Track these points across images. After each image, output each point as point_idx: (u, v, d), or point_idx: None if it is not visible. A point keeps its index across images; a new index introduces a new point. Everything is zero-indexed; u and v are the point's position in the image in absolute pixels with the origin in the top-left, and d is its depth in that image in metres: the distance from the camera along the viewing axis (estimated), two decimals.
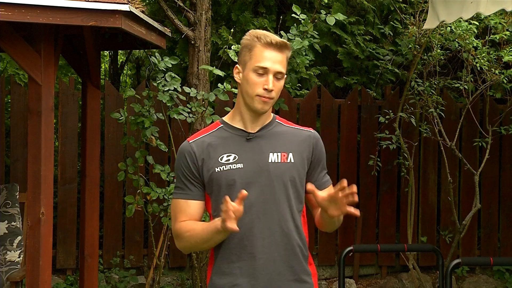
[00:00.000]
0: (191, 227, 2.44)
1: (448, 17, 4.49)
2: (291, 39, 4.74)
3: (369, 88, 6.84)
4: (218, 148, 2.47)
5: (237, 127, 2.50)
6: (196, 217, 2.48)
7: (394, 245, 6.40)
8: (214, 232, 2.36)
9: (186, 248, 2.52)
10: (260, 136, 2.50)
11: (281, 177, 2.46)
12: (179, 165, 2.50)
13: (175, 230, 2.48)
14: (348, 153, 6.67)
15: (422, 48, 5.93)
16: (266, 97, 2.43)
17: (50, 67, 3.78)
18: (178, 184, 2.50)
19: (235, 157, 2.45)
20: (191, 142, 2.50)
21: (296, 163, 2.49)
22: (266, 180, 2.44)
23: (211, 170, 2.44)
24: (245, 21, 6.94)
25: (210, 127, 2.56)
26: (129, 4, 3.67)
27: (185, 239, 2.45)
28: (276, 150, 2.48)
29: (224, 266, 2.46)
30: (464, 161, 6.13)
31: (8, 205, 4.78)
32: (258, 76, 2.43)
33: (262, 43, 2.43)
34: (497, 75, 5.85)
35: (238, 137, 2.49)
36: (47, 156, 3.78)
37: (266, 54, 2.42)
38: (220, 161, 2.44)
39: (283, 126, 2.56)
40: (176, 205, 2.50)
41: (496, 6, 4.06)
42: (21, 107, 6.21)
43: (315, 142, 2.56)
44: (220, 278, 2.47)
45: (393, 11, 6.96)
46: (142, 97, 4.96)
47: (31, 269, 3.77)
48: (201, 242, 2.43)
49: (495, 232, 6.90)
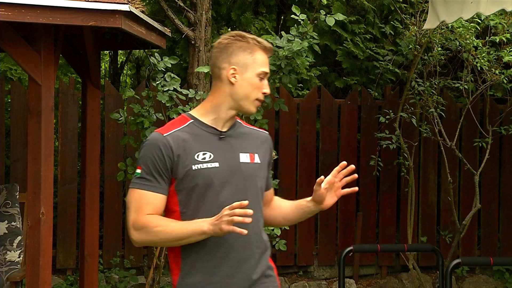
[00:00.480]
0: (164, 223, 2.41)
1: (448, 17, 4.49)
2: (290, 40, 4.74)
3: (369, 88, 6.85)
4: (193, 145, 2.46)
5: (208, 125, 2.51)
6: (160, 211, 2.46)
7: (394, 245, 6.40)
8: (196, 233, 2.37)
9: (148, 243, 2.50)
10: (230, 135, 2.53)
11: (251, 177, 2.51)
12: (150, 156, 2.44)
13: (139, 222, 2.42)
14: (348, 153, 6.67)
15: (422, 48, 5.93)
16: (262, 100, 2.51)
17: (50, 67, 3.78)
18: (144, 175, 2.44)
19: (211, 155, 2.46)
20: (166, 135, 2.46)
21: (261, 163, 2.56)
22: (239, 180, 2.48)
23: (187, 167, 2.43)
24: (246, 21, 6.94)
25: (179, 121, 2.53)
26: (129, 4, 3.67)
27: (154, 233, 2.41)
28: (245, 150, 2.53)
29: (197, 264, 2.45)
30: (464, 161, 6.13)
31: (8, 205, 4.78)
32: (260, 81, 2.49)
33: (262, 48, 2.49)
34: (497, 75, 5.85)
35: (211, 135, 2.50)
36: (47, 156, 3.78)
37: (266, 59, 2.51)
38: (197, 159, 2.44)
39: (244, 127, 2.62)
40: (141, 197, 2.44)
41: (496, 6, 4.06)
42: (21, 107, 6.21)
43: (271, 145, 2.66)
44: (193, 276, 2.46)
45: (394, 11, 6.96)
46: (141, 97, 4.96)
47: (31, 269, 3.77)
48: (174, 239, 2.41)
49: (495, 232, 6.90)
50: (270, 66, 4.68)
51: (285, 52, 4.67)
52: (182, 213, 2.46)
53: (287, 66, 4.74)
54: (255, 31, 6.85)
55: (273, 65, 4.76)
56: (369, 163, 6.52)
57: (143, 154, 2.47)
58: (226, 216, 2.28)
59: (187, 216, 2.44)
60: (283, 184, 6.42)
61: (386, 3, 7.10)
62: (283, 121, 6.49)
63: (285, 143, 6.51)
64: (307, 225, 6.52)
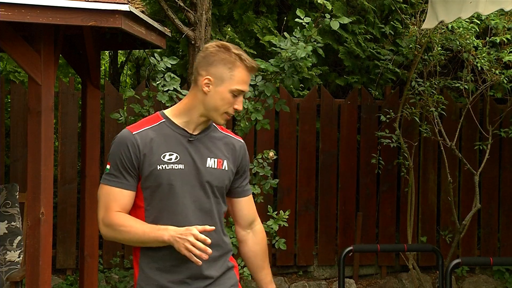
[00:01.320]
0: (129, 224, 2.46)
1: (447, 16, 4.49)
2: (294, 43, 4.74)
3: (369, 88, 6.84)
4: (160, 145, 2.49)
5: (179, 126, 2.53)
6: (127, 208, 2.50)
7: (394, 245, 6.40)
8: (157, 240, 2.41)
9: (114, 239, 2.55)
10: (200, 139, 2.54)
11: (215, 182, 2.54)
12: (118, 153, 2.48)
13: (107, 219, 2.47)
14: (348, 153, 6.67)
15: (422, 48, 5.93)
16: (231, 115, 2.53)
17: (50, 67, 3.78)
18: (113, 171, 2.48)
19: (177, 157, 2.49)
20: (135, 133, 2.49)
21: (228, 170, 2.58)
22: (202, 183, 2.51)
23: (152, 167, 2.46)
24: (248, 21, 6.94)
25: (151, 120, 2.56)
26: (129, 4, 3.67)
27: (119, 232, 2.46)
28: (214, 155, 2.55)
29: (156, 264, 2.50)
30: (464, 161, 6.13)
31: (8, 205, 4.78)
32: (233, 96, 2.49)
33: (245, 65, 2.48)
34: (497, 75, 5.85)
35: (180, 136, 2.52)
36: (47, 156, 3.78)
37: (246, 78, 2.50)
38: (163, 159, 2.47)
39: (218, 132, 2.63)
40: (109, 193, 2.49)
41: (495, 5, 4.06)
42: (21, 107, 6.21)
43: (244, 153, 2.66)
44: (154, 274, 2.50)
45: (394, 11, 6.96)
46: (141, 97, 4.96)
47: (31, 269, 3.77)
48: (137, 241, 2.47)
49: (495, 232, 6.90)
50: (272, 67, 4.72)
51: (289, 54, 4.67)
52: (146, 210, 2.51)
53: (290, 68, 4.74)
54: (258, 30, 6.84)
55: (276, 67, 4.76)
56: (368, 163, 6.52)
57: (112, 151, 2.51)
58: (188, 243, 2.33)
59: (150, 214, 2.49)
60: (283, 184, 6.43)
61: (386, 3, 7.10)
62: (283, 121, 6.49)
63: (285, 143, 6.52)
64: (307, 225, 6.53)
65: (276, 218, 4.87)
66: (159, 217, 2.47)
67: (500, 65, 5.91)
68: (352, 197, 6.68)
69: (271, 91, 4.80)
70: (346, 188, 6.67)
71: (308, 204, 6.55)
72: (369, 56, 7.04)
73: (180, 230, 2.38)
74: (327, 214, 6.60)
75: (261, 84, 4.82)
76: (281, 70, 4.77)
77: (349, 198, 6.67)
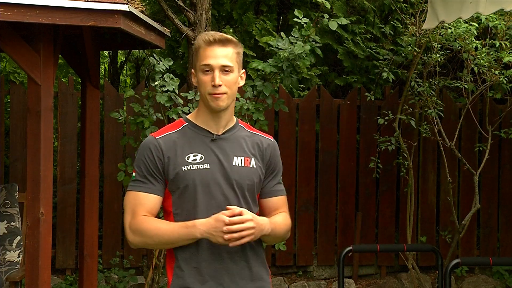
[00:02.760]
0: (156, 226, 2.44)
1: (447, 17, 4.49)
2: (293, 43, 4.74)
3: (369, 88, 6.83)
4: (184, 147, 2.49)
5: (202, 127, 2.53)
6: (154, 212, 2.49)
7: (394, 245, 6.40)
8: (188, 238, 2.41)
9: (143, 245, 2.51)
10: (225, 138, 2.54)
11: (243, 181, 2.51)
12: (143, 159, 2.49)
13: (134, 224, 2.46)
14: (347, 153, 6.67)
15: (422, 48, 5.93)
16: (216, 93, 2.46)
17: (49, 67, 3.78)
18: (138, 177, 2.49)
19: (202, 157, 2.48)
20: (158, 138, 2.51)
21: (257, 168, 2.55)
22: (229, 182, 2.49)
23: (177, 169, 2.46)
24: (248, 21, 6.94)
25: (175, 125, 2.58)
26: (128, 4, 3.67)
27: (147, 236, 2.44)
28: (240, 154, 2.53)
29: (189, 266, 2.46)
30: (464, 161, 6.13)
31: (8, 205, 4.78)
32: (205, 75, 2.47)
33: (204, 42, 2.48)
34: (497, 75, 5.85)
35: (204, 137, 2.52)
36: (46, 156, 3.78)
37: (209, 52, 2.47)
38: (187, 160, 2.47)
39: (245, 131, 2.62)
40: (135, 198, 2.48)
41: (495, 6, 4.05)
42: (21, 107, 6.21)
43: (274, 152, 2.63)
44: (185, 278, 2.47)
45: (394, 11, 6.96)
46: (141, 97, 4.96)
47: (30, 269, 3.77)
48: (166, 243, 2.45)
49: (494, 232, 6.90)
50: (271, 68, 4.72)
51: (286, 53, 4.67)
52: (175, 214, 2.49)
53: (288, 68, 4.74)
54: (257, 31, 6.85)
55: (274, 67, 4.76)
56: (368, 163, 6.52)
57: (137, 157, 2.53)
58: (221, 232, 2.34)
59: (180, 217, 2.46)
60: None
61: (386, 3, 7.10)
62: (282, 121, 6.48)
63: (284, 143, 6.51)
64: (306, 225, 6.53)
65: None
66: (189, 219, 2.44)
67: (500, 66, 5.91)
68: (352, 197, 6.68)
69: (270, 91, 4.80)
70: (345, 188, 6.67)
71: (308, 204, 6.55)
72: (368, 56, 7.04)
73: (210, 222, 2.37)
74: (327, 214, 6.60)
75: (260, 85, 4.82)
76: (280, 70, 4.77)
77: (348, 198, 6.67)
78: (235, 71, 2.49)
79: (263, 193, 2.62)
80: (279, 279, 6.44)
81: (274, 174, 2.64)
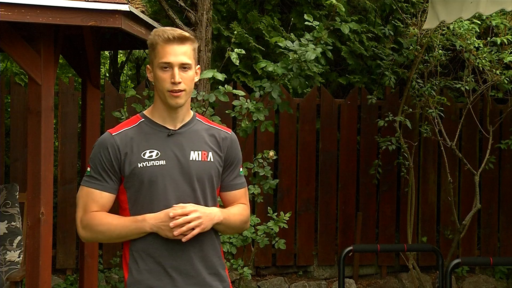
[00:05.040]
0: (107, 221, 2.45)
1: (448, 17, 4.50)
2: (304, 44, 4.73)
3: (370, 88, 6.82)
4: (140, 143, 2.49)
5: (158, 123, 2.53)
6: (106, 209, 2.50)
7: (394, 245, 6.40)
8: (138, 232, 2.42)
9: (94, 240, 2.55)
10: (181, 133, 2.54)
11: (201, 175, 2.52)
12: (98, 156, 2.49)
13: (85, 220, 2.48)
14: (348, 153, 6.67)
15: (423, 48, 5.93)
16: (175, 90, 2.47)
17: (50, 67, 3.78)
18: (93, 174, 2.49)
19: (158, 153, 2.48)
20: (114, 134, 2.51)
21: (215, 162, 2.55)
22: (187, 177, 2.49)
23: (133, 165, 2.46)
24: (253, 19, 6.94)
25: (131, 121, 2.57)
26: (129, 4, 3.67)
27: (97, 231, 2.46)
28: (197, 148, 2.53)
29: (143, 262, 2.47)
30: (465, 161, 6.13)
31: (8, 205, 4.78)
32: (164, 72, 2.47)
33: (162, 39, 2.47)
34: (498, 75, 5.85)
35: (160, 133, 2.52)
36: (47, 156, 3.78)
37: (168, 49, 2.47)
38: (143, 157, 2.47)
39: (203, 124, 2.62)
40: (89, 194, 2.49)
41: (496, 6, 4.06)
42: (21, 107, 6.21)
43: (231, 144, 2.63)
44: (141, 274, 2.47)
45: (395, 10, 6.96)
46: (143, 97, 4.96)
47: (31, 269, 3.77)
48: (117, 237, 2.47)
49: (495, 232, 6.90)
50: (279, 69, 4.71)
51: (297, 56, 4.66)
52: (130, 210, 2.50)
53: (297, 69, 4.74)
54: (264, 27, 6.83)
55: (283, 68, 4.75)
56: (368, 163, 6.53)
57: (93, 154, 2.53)
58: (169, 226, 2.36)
59: (135, 214, 2.47)
60: (283, 184, 6.43)
61: (387, 3, 7.10)
62: (283, 121, 6.48)
63: (285, 143, 6.51)
64: (307, 225, 6.52)
65: (277, 220, 4.86)
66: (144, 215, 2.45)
67: (501, 66, 5.90)
68: (352, 197, 6.68)
69: (278, 91, 4.80)
70: (346, 188, 6.66)
71: (308, 204, 6.55)
72: (371, 55, 7.03)
73: (159, 217, 2.39)
74: (327, 214, 6.60)
75: (268, 86, 4.81)
76: (288, 71, 4.76)
77: (349, 198, 6.67)
78: (192, 68, 2.51)
79: (223, 187, 2.63)
80: (279, 279, 6.44)
81: (232, 167, 2.64)
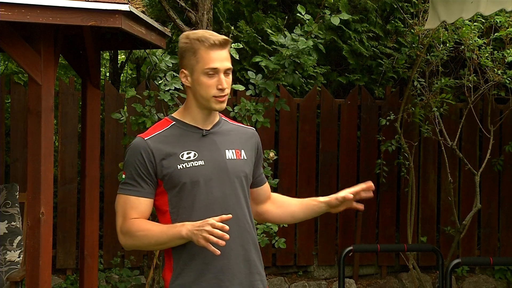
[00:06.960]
0: (146, 227, 2.43)
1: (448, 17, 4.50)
2: (295, 39, 4.73)
3: (371, 87, 6.82)
4: (176, 145, 2.48)
5: (190, 124, 2.53)
6: (146, 215, 2.48)
7: (394, 245, 6.40)
8: (175, 237, 2.38)
9: (134, 247, 2.52)
10: (214, 133, 2.54)
11: (238, 173, 2.53)
12: (132, 162, 2.46)
13: (125, 227, 2.46)
14: (348, 153, 6.67)
15: (424, 48, 5.92)
16: (221, 96, 2.47)
17: (50, 67, 3.78)
18: (129, 180, 2.47)
19: (195, 154, 2.47)
20: (147, 139, 2.48)
21: (248, 159, 2.58)
22: (225, 177, 2.49)
23: (172, 168, 2.44)
24: (258, 19, 6.94)
25: (162, 124, 2.56)
26: (129, 4, 3.67)
27: (137, 238, 2.44)
28: (231, 147, 2.54)
29: (188, 264, 2.46)
30: (465, 161, 6.13)
31: (8, 205, 4.77)
32: (209, 78, 2.46)
33: (206, 45, 2.45)
34: (500, 75, 5.84)
35: (194, 134, 2.51)
36: (47, 156, 3.78)
37: (213, 55, 2.45)
38: (181, 158, 2.46)
39: (229, 124, 2.63)
40: (126, 201, 2.47)
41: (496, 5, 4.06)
42: (21, 107, 6.21)
43: (258, 141, 2.67)
44: (185, 276, 2.46)
45: (396, 10, 6.95)
46: (143, 97, 4.96)
47: (31, 269, 3.77)
48: (156, 244, 2.44)
49: (495, 232, 6.90)
50: (273, 65, 4.71)
51: (289, 51, 4.66)
52: (171, 213, 2.48)
53: (290, 65, 4.73)
54: (268, 27, 6.84)
55: (277, 64, 4.75)
56: (368, 163, 6.53)
57: (126, 160, 2.50)
58: (206, 232, 2.30)
59: (177, 216, 2.46)
60: (283, 184, 6.42)
61: (388, 2, 7.10)
62: (283, 121, 6.48)
63: (285, 143, 6.51)
64: (307, 225, 6.52)
65: None
66: (186, 217, 2.43)
67: (503, 65, 5.90)
68: None
69: (272, 88, 4.80)
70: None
71: None
72: (372, 55, 7.03)
73: (197, 223, 2.34)
74: (327, 214, 6.54)
75: (261, 82, 4.81)
76: (282, 67, 4.76)
77: None
78: (231, 71, 2.53)
79: (254, 183, 2.65)
80: (279, 279, 6.44)
81: (260, 163, 2.69)
